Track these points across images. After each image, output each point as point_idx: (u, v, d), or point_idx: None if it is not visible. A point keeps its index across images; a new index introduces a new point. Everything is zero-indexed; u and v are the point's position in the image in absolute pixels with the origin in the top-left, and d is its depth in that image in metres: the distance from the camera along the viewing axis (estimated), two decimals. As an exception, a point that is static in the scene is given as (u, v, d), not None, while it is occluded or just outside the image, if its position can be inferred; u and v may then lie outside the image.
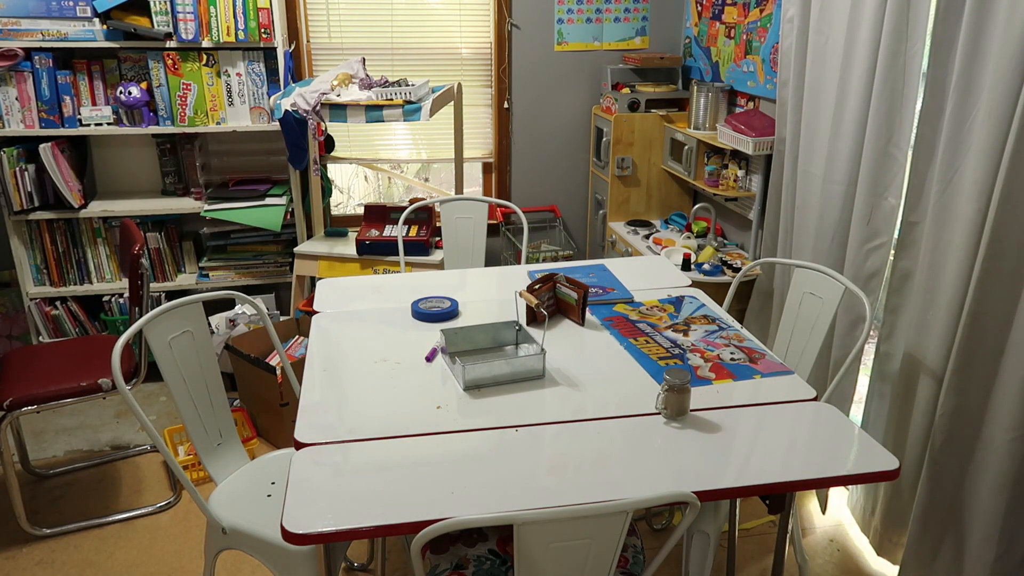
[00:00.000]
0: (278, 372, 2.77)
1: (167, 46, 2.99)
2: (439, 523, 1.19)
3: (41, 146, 3.01)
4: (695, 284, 2.35)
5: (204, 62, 3.04)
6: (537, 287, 2.03)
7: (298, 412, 1.63)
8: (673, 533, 1.36)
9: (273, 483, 1.89)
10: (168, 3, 2.93)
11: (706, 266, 2.95)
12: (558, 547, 1.25)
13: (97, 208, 3.16)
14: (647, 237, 3.38)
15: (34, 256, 3.20)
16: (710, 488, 1.38)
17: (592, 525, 1.24)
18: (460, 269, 2.77)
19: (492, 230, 3.72)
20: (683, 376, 1.59)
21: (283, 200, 3.26)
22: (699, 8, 3.55)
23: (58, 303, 3.24)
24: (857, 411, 2.49)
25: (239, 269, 3.37)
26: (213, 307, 3.52)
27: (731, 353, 1.89)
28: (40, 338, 3.20)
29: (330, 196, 3.59)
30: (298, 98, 2.85)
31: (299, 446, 1.51)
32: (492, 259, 3.84)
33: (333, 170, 3.84)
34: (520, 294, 2.00)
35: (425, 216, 3.22)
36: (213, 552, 1.82)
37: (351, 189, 4.65)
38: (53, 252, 3.20)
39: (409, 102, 2.81)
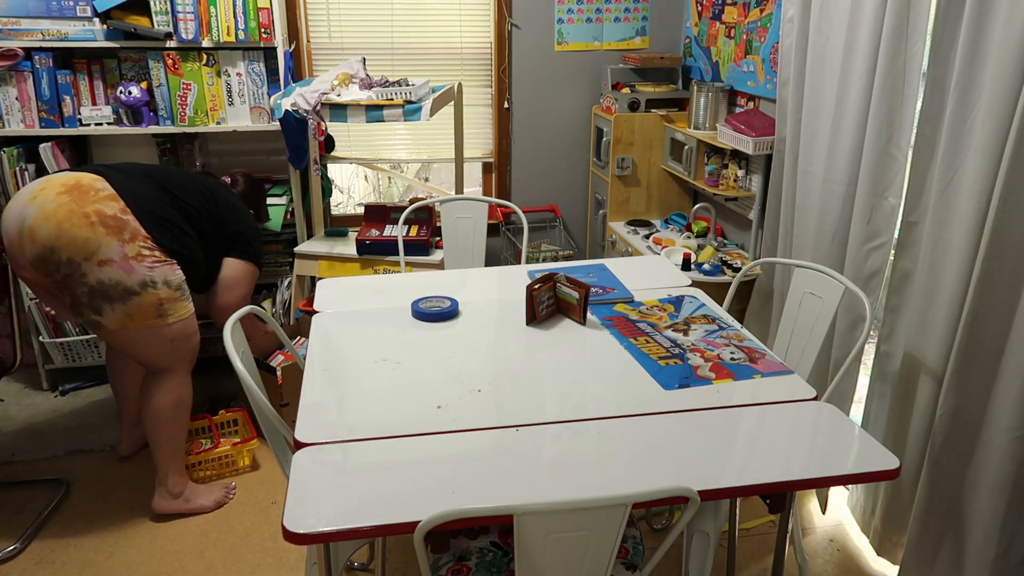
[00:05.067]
0: (278, 372, 2.77)
1: (167, 46, 2.99)
2: (440, 512, 1.20)
3: (41, 146, 3.01)
4: (695, 284, 2.35)
5: (204, 62, 3.04)
6: (537, 287, 2.03)
7: (298, 412, 1.63)
8: (673, 529, 1.36)
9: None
10: (168, 3, 2.93)
11: (706, 266, 2.95)
12: (557, 538, 1.25)
13: (97, 208, 3.16)
14: (647, 237, 3.39)
15: (34, 256, 3.20)
16: (710, 487, 1.38)
17: (591, 517, 1.24)
18: (460, 269, 2.77)
19: (492, 230, 3.72)
20: None
21: (283, 200, 3.26)
22: (699, 8, 3.55)
23: (58, 303, 3.24)
24: (857, 411, 2.49)
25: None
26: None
27: (731, 353, 1.89)
28: (40, 338, 3.20)
29: (330, 196, 3.59)
30: (298, 98, 2.85)
31: (299, 446, 1.51)
32: (492, 259, 3.84)
33: (333, 170, 3.84)
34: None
35: (425, 216, 3.22)
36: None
37: (351, 189, 4.65)
38: (53, 252, 3.20)
39: (409, 102, 2.81)
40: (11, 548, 2.32)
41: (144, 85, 3.04)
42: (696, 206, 3.34)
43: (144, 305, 2.23)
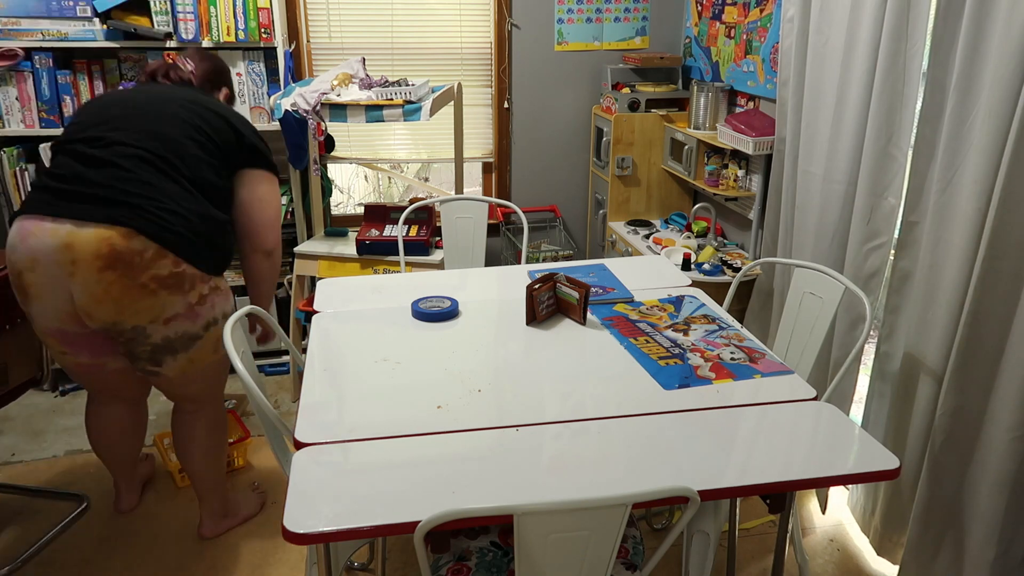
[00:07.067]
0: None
1: (167, 46, 2.99)
2: (440, 512, 1.20)
3: (41, 146, 3.01)
4: (695, 284, 2.35)
5: (204, 62, 3.04)
6: (537, 287, 2.03)
7: (298, 412, 1.63)
8: (673, 529, 1.36)
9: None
10: (168, 3, 2.93)
11: (706, 266, 2.95)
12: (557, 538, 1.25)
13: (97, 208, 3.15)
14: (647, 237, 3.39)
15: (34, 256, 3.19)
16: (710, 487, 1.38)
17: (591, 517, 1.25)
18: (460, 269, 2.77)
19: (492, 230, 3.72)
20: None
21: (283, 200, 3.26)
22: (699, 8, 3.55)
23: (58, 303, 3.24)
24: (857, 411, 2.49)
25: (239, 269, 3.36)
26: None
27: (731, 353, 1.89)
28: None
29: (330, 196, 3.59)
30: (298, 98, 2.85)
31: (299, 446, 1.51)
32: (492, 259, 3.84)
33: (333, 170, 3.84)
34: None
35: (425, 216, 3.22)
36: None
37: (351, 189, 4.65)
38: (53, 252, 3.19)
39: (409, 102, 2.81)
40: (17, 560, 2.32)
41: (144, 85, 3.04)
42: (696, 206, 3.34)
43: (206, 346, 2.09)
